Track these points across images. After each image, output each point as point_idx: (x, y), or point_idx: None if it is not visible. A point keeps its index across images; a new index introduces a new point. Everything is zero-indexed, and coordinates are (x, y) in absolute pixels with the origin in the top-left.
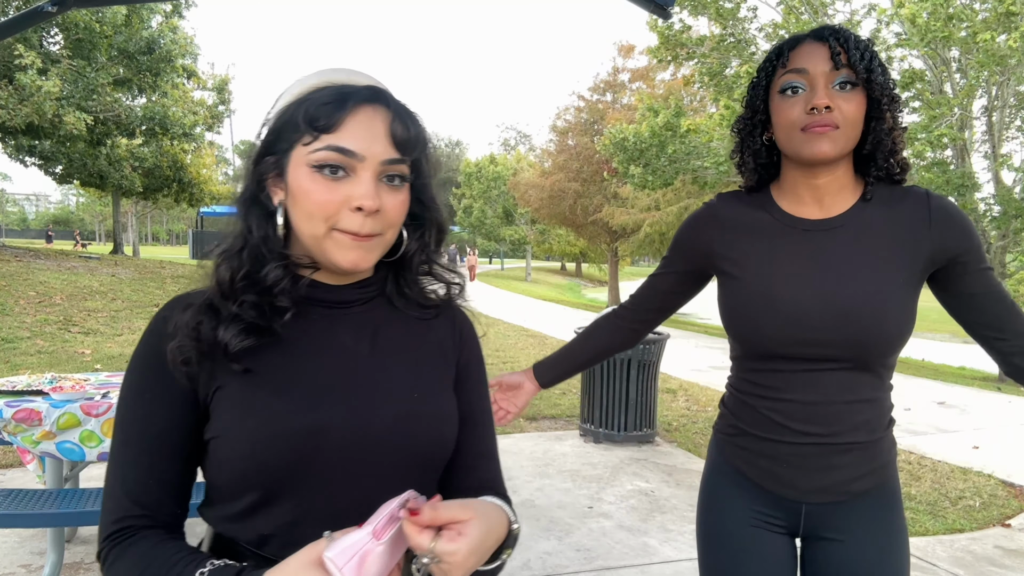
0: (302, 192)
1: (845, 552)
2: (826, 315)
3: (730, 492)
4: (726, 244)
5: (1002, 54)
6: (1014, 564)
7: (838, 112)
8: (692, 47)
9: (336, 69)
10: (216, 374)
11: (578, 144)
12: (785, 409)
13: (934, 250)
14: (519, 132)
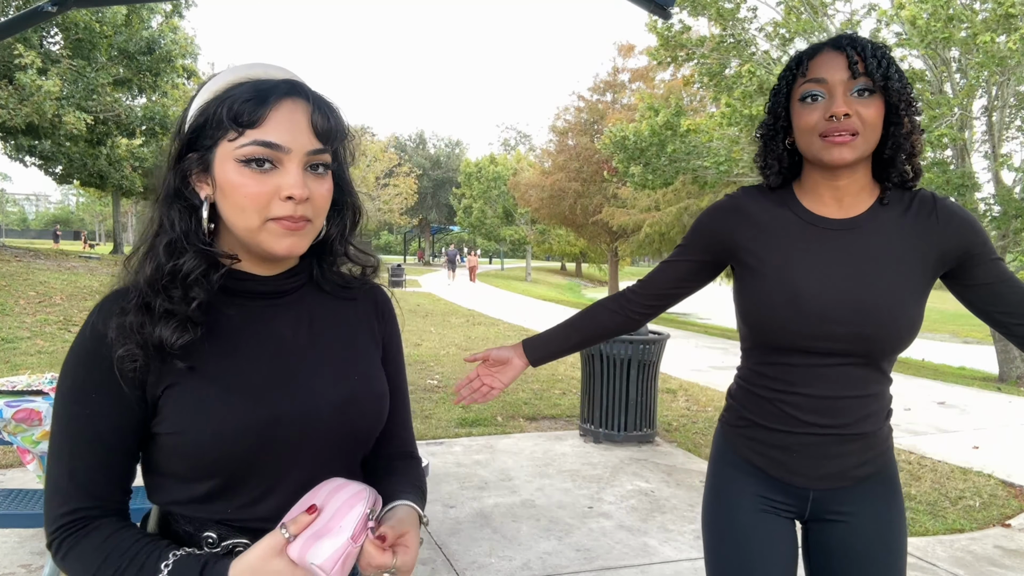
0: (231, 186)
1: (848, 530)
2: (845, 310)
3: (738, 481)
4: (748, 236)
5: (1002, 55)
6: (1014, 564)
7: (856, 118)
8: (692, 48)
9: (252, 64)
10: (164, 373)
11: (578, 144)
12: (797, 402)
13: (944, 249)
14: (519, 132)
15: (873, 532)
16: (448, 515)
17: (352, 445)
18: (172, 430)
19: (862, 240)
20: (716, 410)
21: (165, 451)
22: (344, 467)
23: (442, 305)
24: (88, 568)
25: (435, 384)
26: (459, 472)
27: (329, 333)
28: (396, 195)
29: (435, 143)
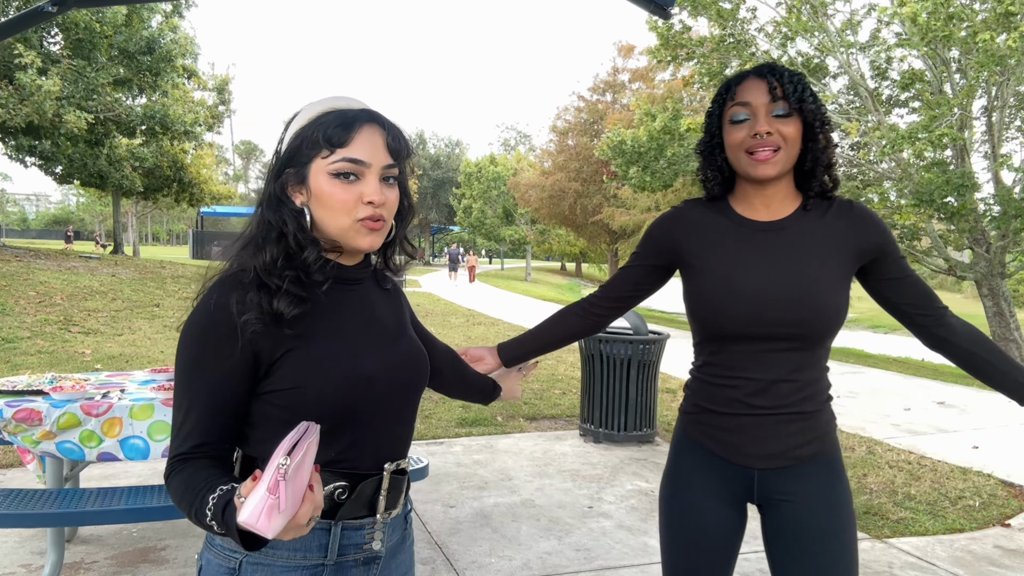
0: (326, 194)
1: (794, 509)
2: (776, 300)
3: (693, 466)
4: (691, 242)
5: (1002, 54)
6: (1014, 564)
7: (778, 136)
8: (692, 48)
9: (336, 97)
10: (280, 340)
11: (578, 144)
12: (740, 385)
13: (861, 247)
14: (519, 132)
15: (818, 510)
16: (448, 515)
17: (415, 393)
18: (292, 385)
19: (788, 239)
20: None
21: (280, 405)
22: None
23: (442, 305)
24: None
25: None
26: (459, 472)
27: (387, 312)
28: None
29: (435, 143)
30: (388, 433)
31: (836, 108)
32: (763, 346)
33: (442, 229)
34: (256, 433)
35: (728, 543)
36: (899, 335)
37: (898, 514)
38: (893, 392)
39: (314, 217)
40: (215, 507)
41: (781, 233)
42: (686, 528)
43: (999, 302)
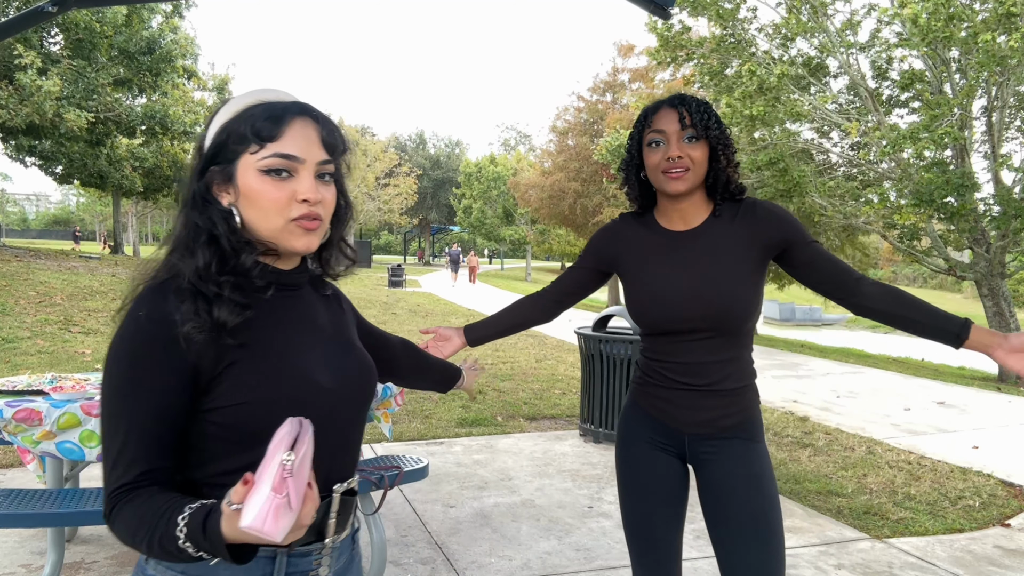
0: (256, 193)
1: (716, 466)
2: (689, 300)
3: (638, 426)
4: (623, 254)
5: (1002, 54)
6: (1014, 564)
7: (687, 158)
8: (692, 48)
9: (264, 89)
10: (221, 353)
11: (578, 144)
12: (672, 367)
13: (767, 240)
14: (519, 132)
15: (735, 467)
16: (448, 515)
17: (364, 408)
18: (237, 400)
19: (701, 244)
20: None
21: (224, 424)
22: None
23: (442, 305)
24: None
25: None
26: (459, 472)
27: (333, 318)
28: (396, 195)
29: (435, 143)
30: (338, 451)
31: (836, 108)
32: (684, 336)
33: (442, 229)
34: (197, 455)
35: (676, 488)
36: (899, 335)
37: (898, 514)
38: (893, 392)
39: (243, 218)
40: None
41: (696, 239)
42: (639, 476)
43: (999, 302)
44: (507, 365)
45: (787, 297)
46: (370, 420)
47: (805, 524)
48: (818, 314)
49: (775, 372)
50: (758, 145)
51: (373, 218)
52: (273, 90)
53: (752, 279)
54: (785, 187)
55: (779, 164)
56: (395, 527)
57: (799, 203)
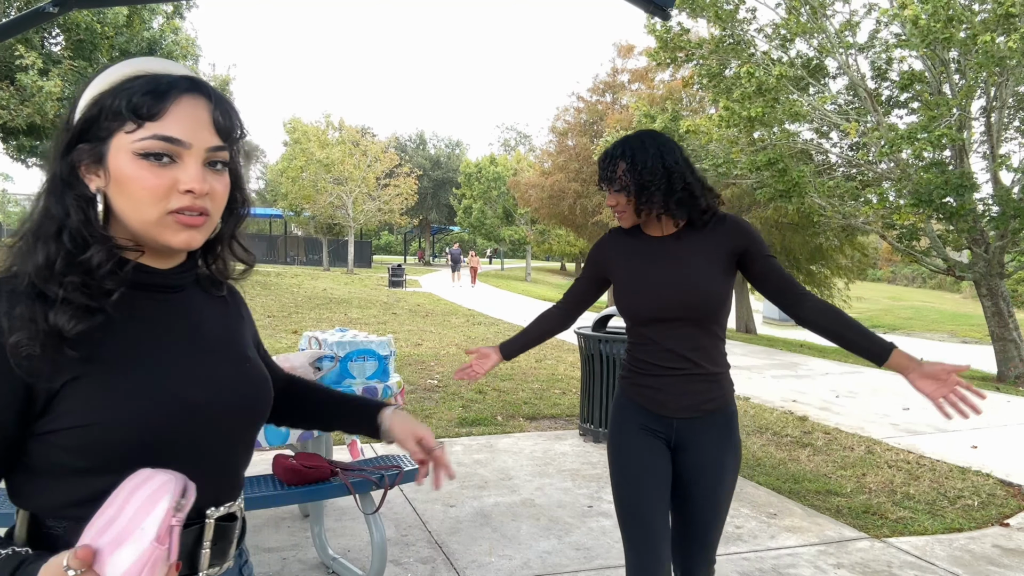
0: (128, 179)
1: (693, 459)
2: (668, 294)
3: (630, 417)
4: (615, 258)
5: (1001, 55)
6: (1013, 563)
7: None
8: (691, 49)
9: (149, 59)
10: (62, 366)
11: (578, 145)
12: (658, 353)
13: (731, 248)
14: (519, 133)
15: (705, 456)
16: (448, 514)
17: (252, 427)
18: (79, 423)
19: (678, 247)
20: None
21: (68, 448)
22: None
23: (442, 305)
24: None
25: (435, 384)
26: (459, 471)
27: (218, 326)
28: (396, 195)
29: (435, 143)
30: (215, 473)
31: (835, 108)
32: (666, 325)
33: (442, 229)
34: (41, 483)
35: (663, 472)
36: (898, 335)
37: (897, 514)
38: (892, 392)
39: (113, 207)
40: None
41: (674, 243)
42: (631, 463)
43: (998, 302)
44: (507, 365)
45: None
46: None
47: (804, 524)
48: None
49: (774, 372)
50: (757, 145)
51: (373, 218)
52: (160, 60)
53: (721, 277)
54: (784, 187)
55: (778, 164)
56: (395, 527)
57: (798, 203)
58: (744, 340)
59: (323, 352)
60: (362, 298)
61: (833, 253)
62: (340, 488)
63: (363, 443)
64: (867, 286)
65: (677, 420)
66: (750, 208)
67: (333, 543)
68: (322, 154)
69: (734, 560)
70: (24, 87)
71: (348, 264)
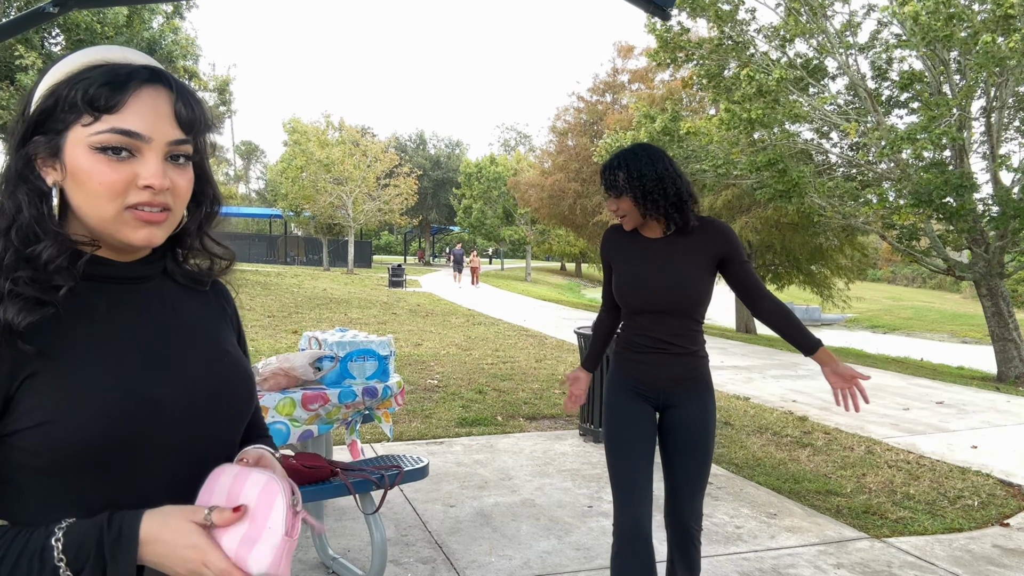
0: (84, 173)
1: (679, 412)
2: (658, 289)
3: (623, 388)
4: (613, 254)
5: (1002, 55)
6: (1013, 563)
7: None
8: (691, 49)
9: (109, 48)
10: (21, 363)
11: (578, 145)
12: (647, 336)
13: (713, 250)
14: (519, 133)
15: (692, 413)
16: (448, 514)
17: (228, 427)
18: (39, 420)
19: (668, 247)
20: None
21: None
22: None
23: (442, 305)
24: None
25: (435, 384)
26: (459, 472)
27: (193, 319)
28: (396, 195)
29: (435, 143)
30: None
31: (835, 109)
32: (655, 315)
33: (442, 229)
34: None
35: (649, 431)
36: (898, 335)
37: (897, 513)
38: (892, 392)
39: (70, 202)
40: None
41: (665, 245)
42: (621, 421)
43: (998, 302)
44: (507, 365)
45: (786, 297)
46: (371, 420)
47: (804, 524)
48: (817, 314)
49: (774, 372)
50: (757, 146)
51: (373, 218)
52: (121, 48)
53: (702, 276)
54: (784, 187)
55: (778, 165)
56: (395, 527)
57: (798, 203)
58: (744, 340)
59: (323, 352)
60: (362, 298)
61: (833, 253)
62: (340, 488)
63: (363, 443)
64: (867, 286)
65: (663, 388)
66: (750, 208)
67: (333, 543)
68: (322, 154)
69: (734, 560)
70: (24, 87)
71: (348, 264)
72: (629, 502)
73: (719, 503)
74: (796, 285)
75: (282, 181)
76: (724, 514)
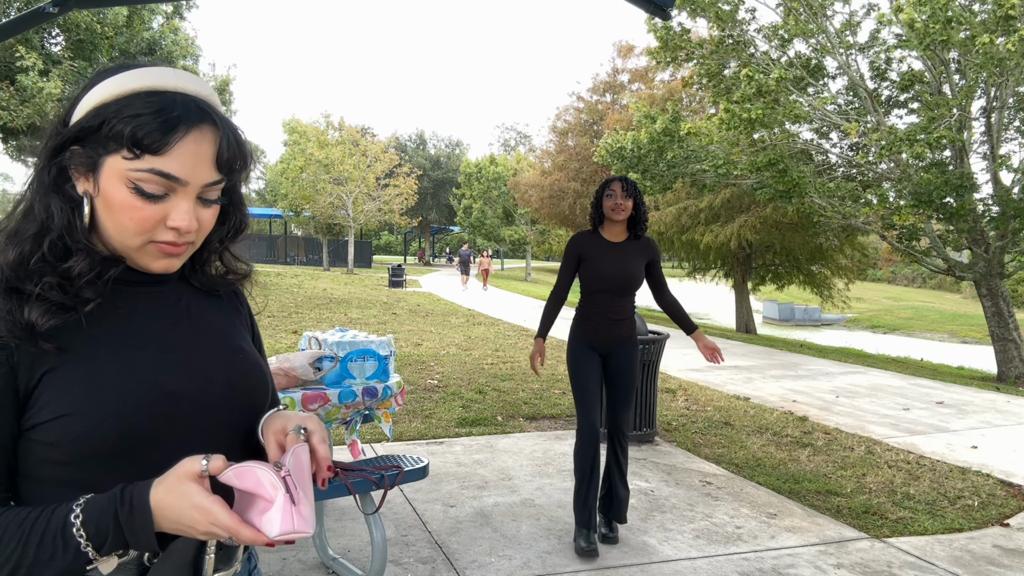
0: (117, 204)
1: (615, 357)
2: (615, 277)
3: (580, 345)
4: (585, 251)
5: (1001, 56)
6: (1013, 563)
7: (624, 205)
8: (691, 49)
9: (161, 71)
10: (39, 359)
11: (577, 144)
12: (600, 310)
13: (649, 257)
14: (519, 133)
15: (624, 359)
16: (448, 514)
17: (244, 421)
18: (60, 413)
19: (623, 249)
20: (716, 410)
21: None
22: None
23: (442, 305)
24: None
25: (435, 384)
26: (459, 472)
27: (207, 318)
28: (396, 195)
29: (435, 143)
30: None
31: (835, 109)
32: (609, 293)
33: (442, 229)
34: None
35: (598, 372)
36: (898, 335)
37: (897, 514)
38: (892, 392)
39: (97, 216)
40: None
41: (620, 246)
42: (580, 366)
43: (998, 302)
44: (507, 365)
45: (786, 297)
46: (371, 420)
47: (804, 524)
48: (817, 314)
49: (774, 372)
50: (757, 146)
51: (373, 218)
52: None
53: (643, 271)
54: (784, 188)
55: (778, 165)
56: (395, 527)
57: (798, 203)
58: (744, 340)
59: (323, 352)
60: (362, 298)
61: (833, 253)
62: (340, 488)
63: (363, 443)
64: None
65: (608, 344)
66: (750, 208)
67: (333, 543)
68: (321, 154)
69: (734, 560)
70: (24, 88)
71: (348, 264)
72: (588, 411)
73: (719, 503)
74: (796, 285)
75: (282, 181)
76: (724, 514)
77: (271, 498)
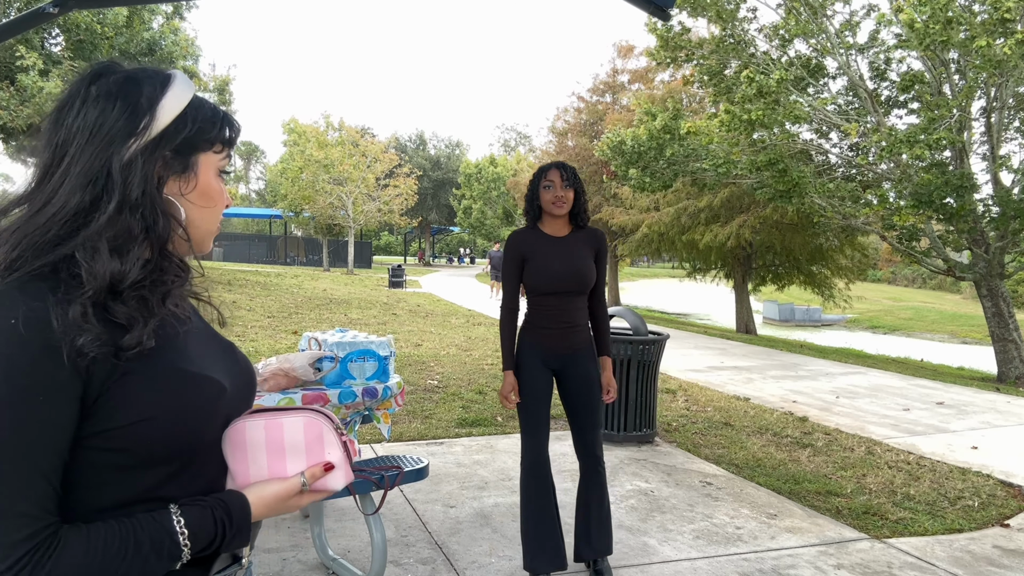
0: (216, 192)
1: (573, 374)
2: (560, 275)
3: (531, 354)
4: (528, 249)
5: (999, 58)
6: (1013, 564)
7: (566, 197)
8: (691, 49)
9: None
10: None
11: (577, 145)
12: (550, 314)
13: (595, 249)
14: (519, 133)
15: (583, 375)
16: (448, 515)
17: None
18: (137, 418)
19: (566, 243)
20: (716, 410)
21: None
22: None
23: (442, 305)
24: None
25: (435, 384)
26: (459, 472)
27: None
28: (396, 196)
29: (435, 144)
30: None
31: (835, 109)
32: (556, 296)
33: (442, 230)
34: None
35: (548, 388)
36: (898, 335)
37: (897, 514)
38: (892, 392)
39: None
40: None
41: (565, 240)
42: (531, 381)
43: (998, 302)
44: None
45: (787, 298)
46: (370, 420)
47: (804, 524)
48: (817, 314)
49: (774, 372)
50: (758, 146)
51: (373, 219)
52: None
53: (591, 265)
54: (784, 188)
55: (778, 165)
56: (395, 527)
57: (798, 203)
58: (744, 340)
59: (323, 353)
60: (362, 299)
61: (833, 253)
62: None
63: (362, 443)
64: (867, 286)
65: (561, 355)
66: (750, 208)
67: (333, 544)
68: (321, 154)
69: (734, 560)
70: (24, 88)
71: (348, 264)
72: (533, 436)
73: (719, 503)
74: (796, 285)
75: (282, 181)
76: (724, 514)
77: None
